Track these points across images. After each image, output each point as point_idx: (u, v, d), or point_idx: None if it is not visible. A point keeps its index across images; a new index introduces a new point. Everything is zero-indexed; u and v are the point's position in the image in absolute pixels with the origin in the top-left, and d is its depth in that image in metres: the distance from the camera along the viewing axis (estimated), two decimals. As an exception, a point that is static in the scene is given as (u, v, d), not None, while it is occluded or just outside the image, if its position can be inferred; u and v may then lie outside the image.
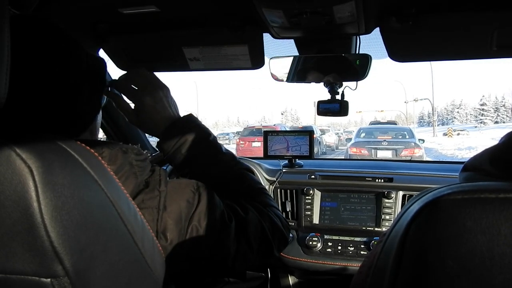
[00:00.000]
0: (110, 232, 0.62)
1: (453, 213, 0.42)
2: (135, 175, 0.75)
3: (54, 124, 0.77)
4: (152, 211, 0.75)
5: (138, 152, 0.79)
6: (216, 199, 0.87)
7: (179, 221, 0.79)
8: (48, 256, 0.53)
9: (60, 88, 0.76)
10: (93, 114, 0.90)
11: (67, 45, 0.79)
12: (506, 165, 0.51)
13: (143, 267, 0.69)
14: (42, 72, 0.74)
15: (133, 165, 0.75)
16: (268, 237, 0.93)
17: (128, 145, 0.79)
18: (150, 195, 0.76)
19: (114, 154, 0.73)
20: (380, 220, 1.74)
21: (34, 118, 0.74)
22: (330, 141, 23.13)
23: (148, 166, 0.80)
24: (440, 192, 0.45)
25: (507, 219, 0.40)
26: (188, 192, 0.83)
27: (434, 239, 0.42)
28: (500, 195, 0.41)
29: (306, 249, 1.75)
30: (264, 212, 0.97)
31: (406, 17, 1.21)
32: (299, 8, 1.13)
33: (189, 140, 1.02)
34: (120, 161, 0.73)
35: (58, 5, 1.25)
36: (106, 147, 0.73)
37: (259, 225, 0.92)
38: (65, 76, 0.77)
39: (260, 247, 0.92)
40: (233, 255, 0.86)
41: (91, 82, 0.84)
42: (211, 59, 1.53)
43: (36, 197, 0.52)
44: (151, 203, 0.76)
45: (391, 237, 0.51)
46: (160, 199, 0.77)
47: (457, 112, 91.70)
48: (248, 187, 1.05)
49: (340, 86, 1.58)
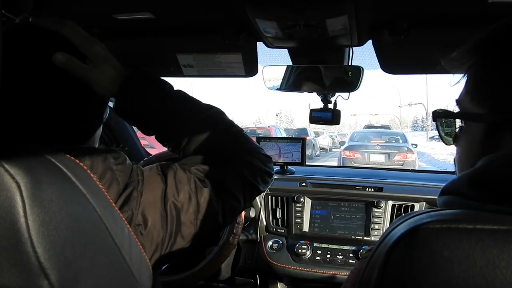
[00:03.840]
0: (97, 246, 0.63)
1: (431, 242, 0.43)
2: (117, 181, 0.74)
3: (52, 137, 0.76)
4: (132, 213, 0.74)
5: (116, 155, 0.78)
6: (184, 171, 0.85)
7: (156, 205, 0.78)
8: (34, 272, 0.53)
9: (58, 99, 0.76)
10: (94, 127, 0.88)
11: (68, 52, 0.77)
12: (483, 189, 0.51)
13: (130, 281, 0.70)
14: (40, 83, 0.73)
15: (114, 171, 0.75)
16: (249, 180, 0.92)
17: (105, 148, 0.78)
18: (130, 197, 0.75)
19: (95, 161, 0.73)
20: (369, 230, 1.75)
21: (32, 130, 0.74)
22: (324, 144, 23.21)
23: (128, 168, 0.79)
24: (421, 220, 0.46)
25: (483, 251, 0.40)
26: (155, 176, 0.81)
27: (413, 267, 0.43)
28: (477, 225, 0.42)
29: (295, 257, 1.76)
30: (239, 159, 0.94)
31: (398, 31, 1.22)
32: (293, 20, 1.14)
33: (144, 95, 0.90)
34: (101, 168, 0.73)
35: (52, 10, 1.24)
36: (88, 155, 0.72)
37: (237, 174, 0.90)
38: (64, 85, 0.77)
39: (244, 193, 0.91)
40: (220, 212, 0.86)
41: (93, 93, 0.83)
42: (205, 66, 1.54)
43: (24, 212, 0.52)
44: (131, 205, 0.75)
45: (375, 257, 0.52)
46: (138, 199, 0.76)
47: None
48: (220, 136, 0.96)
49: (333, 95, 1.60)
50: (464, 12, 1.15)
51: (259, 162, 0.97)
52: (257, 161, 0.96)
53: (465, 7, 1.12)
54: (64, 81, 0.76)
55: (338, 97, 1.61)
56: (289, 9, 1.07)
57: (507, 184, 0.48)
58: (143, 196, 0.77)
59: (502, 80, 0.57)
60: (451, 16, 1.18)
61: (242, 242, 1.91)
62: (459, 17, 1.17)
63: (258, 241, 1.89)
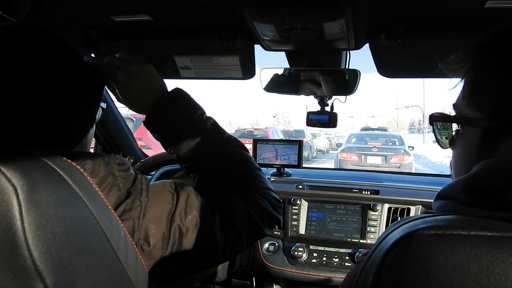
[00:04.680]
0: (93, 249, 0.63)
1: (426, 248, 0.43)
2: (118, 187, 0.74)
3: (42, 138, 0.75)
4: (133, 222, 0.74)
5: (121, 162, 0.78)
6: (197, 196, 0.85)
7: (161, 224, 0.77)
8: (30, 274, 0.53)
9: (51, 99, 0.74)
10: (86, 128, 0.87)
11: (62, 53, 0.77)
12: (478, 194, 0.52)
13: (126, 283, 0.70)
14: (34, 81, 0.72)
15: (116, 176, 0.75)
16: (257, 222, 0.92)
17: (111, 155, 0.78)
18: (131, 206, 0.75)
19: (97, 166, 0.73)
20: (365, 232, 1.76)
21: (21, 130, 0.73)
22: (321, 145, 23.22)
23: (131, 176, 0.79)
24: (416, 226, 0.46)
25: (477, 257, 0.41)
26: (166, 193, 0.81)
27: (407, 273, 0.43)
28: (471, 232, 0.42)
29: (291, 259, 1.76)
30: (250, 197, 0.94)
31: (395, 35, 1.23)
32: (290, 24, 1.14)
33: (173, 119, 0.98)
34: (102, 173, 0.73)
35: (49, 11, 1.24)
36: (89, 159, 0.73)
37: (246, 213, 0.90)
38: (57, 85, 0.75)
39: (249, 233, 0.91)
40: (222, 246, 0.85)
41: (86, 94, 0.82)
42: (202, 68, 1.54)
43: (20, 215, 0.52)
44: (132, 213, 0.74)
45: (370, 261, 0.52)
46: (140, 208, 0.76)
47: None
48: (236, 169, 1.00)
49: (330, 98, 1.61)
50: (461, 17, 1.15)
51: (269, 205, 0.97)
52: (267, 204, 0.97)
53: (462, 11, 1.12)
54: (56, 82, 0.75)
55: (335, 100, 1.61)
56: (286, 12, 1.07)
57: (501, 190, 0.49)
58: (149, 209, 0.77)
59: (500, 85, 0.57)
60: (448, 20, 1.19)
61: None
62: (456, 22, 1.18)
63: (255, 243, 1.89)
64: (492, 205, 0.49)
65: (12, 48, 0.72)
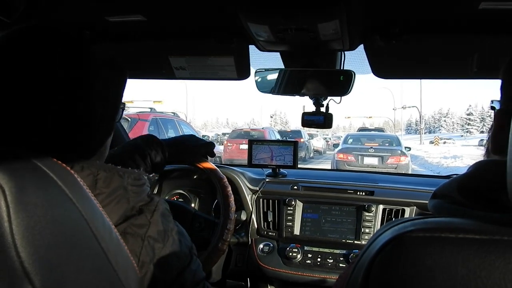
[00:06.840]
0: (83, 251, 0.62)
1: (414, 251, 0.43)
2: (127, 200, 0.74)
3: (61, 146, 0.72)
4: (137, 239, 0.73)
5: (137, 177, 0.77)
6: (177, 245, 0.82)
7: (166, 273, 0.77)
8: (18, 276, 0.53)
9: (66, 105, 0.71)
10: (105, 137, 0.84)
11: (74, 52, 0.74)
12: (472, 194, 0.52)
13: (116, 285, 0.69)
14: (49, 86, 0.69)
15: (128, 190, 0.74)
16: None
17: (128, 169, 0.76)
18: (140, 222, 0.74)
19: (110, 176, 0.72)
20: (360, 233, 1.75)
21: (38, 139, 0.70)
22: (318, 146, 23.26)
23: (144, 192, 0.77)
24: (405, 228, 0.46)
25: (464, 260, 0.41)
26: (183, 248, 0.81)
27: (396, 275, 0.43)
28: (459, 235, 0.42)
29: (286, 260, 1.76)
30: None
31: (390, 36, 1.23)
32: (285, 25, 1.14)
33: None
34: (115, 184, 0.72)
35: (43, 11, 1.24)
36: (102, 170, 0.72)
37: None
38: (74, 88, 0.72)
39: None
40: None
41: (105, 100, 0.79)
42: (197, 69, 1.54)
43: (8, 217, 0.52)
44: (138, 230, 0.73)
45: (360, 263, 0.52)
46: (148, 228, 0.75)
47: (444, 120, 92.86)
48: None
49: (325, 98, 1.61)
50: (455, 18, 1.16)
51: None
52: None
53: (457, 12, 1.13)
54: (70, 85, 0.72)
55: (330, 100, 1.61)
56: (281, 13, 1.07)
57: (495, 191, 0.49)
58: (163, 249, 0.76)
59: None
60: (442, 21, 1.19)
61: (233, 245, 1.90)
62: (450, 23, 1.18)
63: (249, 244, 1.89)
64: (483, 205, 0.49)
65: (19, 51, 0.69)
